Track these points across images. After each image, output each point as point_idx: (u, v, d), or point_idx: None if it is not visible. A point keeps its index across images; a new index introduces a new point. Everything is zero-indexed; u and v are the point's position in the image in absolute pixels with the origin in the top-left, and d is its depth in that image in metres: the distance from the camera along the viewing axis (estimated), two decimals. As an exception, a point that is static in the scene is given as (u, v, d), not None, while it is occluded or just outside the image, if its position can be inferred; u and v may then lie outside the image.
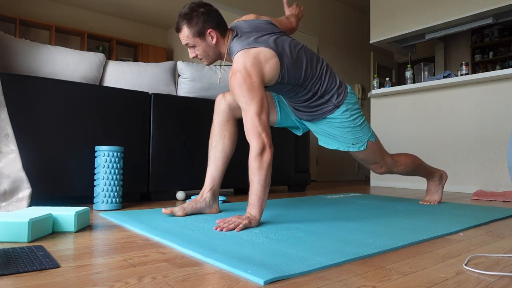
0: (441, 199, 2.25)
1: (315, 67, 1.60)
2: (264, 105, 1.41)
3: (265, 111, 1.41)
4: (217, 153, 1.70)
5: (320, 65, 1.63)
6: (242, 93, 1.40)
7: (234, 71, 1.43)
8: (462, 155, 3.38)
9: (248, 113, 1.40)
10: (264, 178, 1.37)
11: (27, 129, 1.85)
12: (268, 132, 1.40)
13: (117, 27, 6.37)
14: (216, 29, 1.52)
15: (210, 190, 1.69)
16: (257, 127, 1.38)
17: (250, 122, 1.39)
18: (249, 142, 1.40)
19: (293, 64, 1.52)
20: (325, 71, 1.64)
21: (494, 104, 3.21)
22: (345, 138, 1.75)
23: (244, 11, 4.63)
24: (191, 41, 1.53)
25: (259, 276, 0.80)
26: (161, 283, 0.78)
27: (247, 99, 1.40)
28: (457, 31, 3.89)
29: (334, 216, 1.69)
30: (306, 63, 1.56)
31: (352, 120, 1.70)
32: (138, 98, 2.23)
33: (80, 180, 1.99)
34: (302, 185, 3.17)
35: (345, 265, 0.93)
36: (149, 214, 1.66)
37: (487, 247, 1.16)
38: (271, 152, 1.39)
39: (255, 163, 1.37)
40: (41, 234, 1.19)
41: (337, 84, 1.66)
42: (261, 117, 1.39)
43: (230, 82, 1.44)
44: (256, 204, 1.38)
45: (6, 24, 5.24)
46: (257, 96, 1.40)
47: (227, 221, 1.35)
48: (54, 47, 2.09)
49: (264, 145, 1.37)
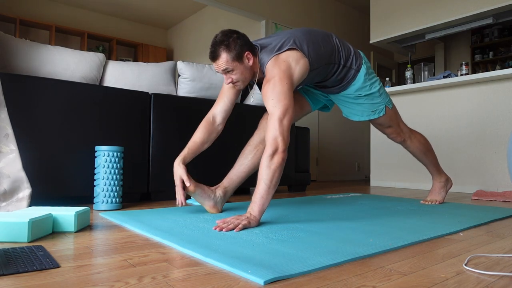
0: (442, 201, 2.25)
1: (331, 43, 1.72)
2: (289, 111, 1.46)
3: (288, 117, 1.45)
4: (245, 160, 1.79)
5: (333, 38, 1.75)
6: (271, 95, 1.47)
7: (268, 79, 1.51)
8: (462, 155, 3.38)
9: (272, 116, 1.44)
10: (270, 178, 1.39)
11: (27, 129, 1.84)
12: (285, 137, 1.43)
13: (117, 27, 6.37)
14: (251, 51, 1.59)
15: (224, 189, 1.76)
16: (276, 130, 1.42)
17: (272, 124, 1.44)
18: (266, 143, 1.44)
19: (314, 50, 1.62)
20: (339, 42, 1.77)
21: (494, 104, 3.21)
22: (366, 106, 1.90)
23: (244, 11, 4.63)
24: (230, 65, 1.57)
25: (259, 276, 0.80)
26: (161, 283, 0.78)
27: (274, 102, 1.46)
28: (457, 31, 3.89)
29: (334, 216, 1.69)
30: (324, 42, 1.68)
31: (371, 83, 1.84)
32: (138, 98, 2.23)
33: (80, 180, 1.99)
34: (302, 185, 3.17)
35: (345, 265, 0.93)
36: (149, 214, 1.66)
37: (487, 247, 1.16)
38: (282, 156, 1.41)
39: (265, 162, 1.40)
40: (41, 234, 1.19)
41: (352, 50, 1.80)
42: (283, 122, 1.43)
43: (264, 87, 1.51)
44: (258, 203, 1.40)
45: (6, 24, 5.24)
46: (284, 100, 1.45)
47: (226, 222, 1.35)
48: (54, 47, 2.09)
49: (277, 148, 1.40)
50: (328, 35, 1.74)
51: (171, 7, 6.06)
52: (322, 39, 1.69)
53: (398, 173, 3.87)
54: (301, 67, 1.56)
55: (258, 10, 4.73)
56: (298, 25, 5.09)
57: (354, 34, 5.98)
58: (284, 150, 1.42)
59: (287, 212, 1.78)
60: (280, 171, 1.42)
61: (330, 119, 5.34)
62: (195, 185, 1.65)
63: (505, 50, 5.75)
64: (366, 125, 5.80)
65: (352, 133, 5.72)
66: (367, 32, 5.84)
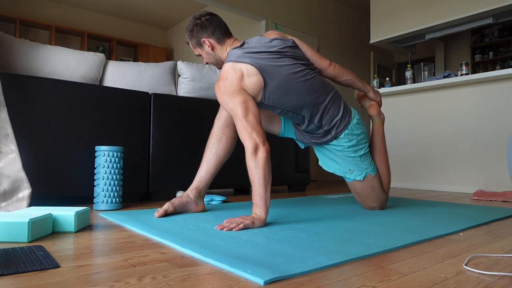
0: None
1: (316, 99, 1.61)
2: (249, 106, 1.45)
3: (251, 112, 1.44)
4: (210, 155, 1.74)
5: (324, 97, 1.64)
6: (225, 100, 1.47)
7: (217, 81, 1.52)
8: (462, 155, 3.38)
9: (236, 118, 1.45)
10: (262, 175, 1.38)
11: (27, 129, 1.84)
12: (258, 130, 1.42)
13: (117, 27, 6.37)
14: (211, 37, 1.63)
15: (195, 189, 1.72)
16: (246, 128, 1.41)
17: (240, 125, 1.43)
18: (244, 145, 1.42)
19: (279, 89, 1.53)
20: (330, 103, 1.67)
21: (494, 104, 3.21)
22: (344, 163, 1.78)
23: (244, 11, 4.63)
24: (196, 51, 1.70)
25: (259, 276, 0.80)
26: (161, 283, 0.78)
27: (231, 105, 1.46)
28: (457, 31, 3.89)
29: (334, 216, 1.69)
30: (303, 93, 1.58)
31: (353, 150, 1.74)
32: (138, 98, 2.23)
33: (80, 180, 1.99)
34: (302, 185, 3.17)
35: (345, 265, 0.93)
36: (149, 214, 1.66)
37: (487, 247, 1.16)
38: (265, 149, 1.39)
39: (251, 162, 1.39)
40: (41, 234, 1.19)
41: (340, 115, 1.69)
42: (248, 118, 1.43)
43: (215, 91, 1.52)
44: (260, 203, 1.38)
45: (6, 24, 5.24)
46: (238, 100, 1.45)
47: (229, 221, 1.35)
48: (54, 47, 2.09)
49: (256, 143, 1.39)
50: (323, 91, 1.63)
51: (171, 7, 6.06)
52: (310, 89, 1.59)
53: (398, 173, 3.86)
54: (252, 81, 1.49)
55: (258, 10, 4.73)
56: (298, 25, 5.09)
57: (354, 34, 5.98)
58: (264, 142, 1.40)
59: (287, 212, 1.78)
60: (268, 164, 1.40)
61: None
62: (172, 205, 1.63)
63: (505, 50, 5.75)
64: (366, 125, 5.80)
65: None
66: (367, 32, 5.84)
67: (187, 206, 1.70)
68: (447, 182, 3.47)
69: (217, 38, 1.64)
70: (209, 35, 1.64)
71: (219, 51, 1.66)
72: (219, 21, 1.66)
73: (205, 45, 1.65)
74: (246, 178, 2.69)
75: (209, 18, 1.65)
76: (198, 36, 1.65)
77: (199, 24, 1.64)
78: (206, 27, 1.64)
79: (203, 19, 1.64)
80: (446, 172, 3.48)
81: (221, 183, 2.55)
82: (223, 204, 2.12)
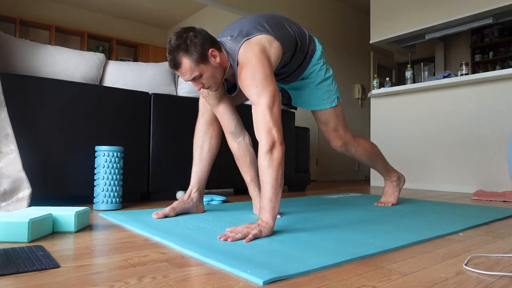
0: (396, 202, 2.16)
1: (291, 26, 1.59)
2: (276, 97, 1.31)
3: (277, 104, 1.30)
4: (203, 153, 1.68)
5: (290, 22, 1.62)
6: (254, 82, 1.31)
7: (243, 64, 1.35)
8: (462, 155, 3.38)
9: (259, 106, 1.29)
10: (274, 177, 1.24)
11: (27, 129, 1.84)
12: (279, 127, 1.29)
13: (117, 27, 6.37)
14: (215, 47, 1.39)
15: (197, 191, 1.69)
16: (267, 122, 1.27)
17: (261, 116, 1.28)
18: (258, 139, 1.29)
19: (282, 35, 1.49)
20: (295, 26, 1.63)
21: (494, 104, 3.21)
22: (318, 94, 1.76)
23: (243, 11, 4.63)
24: (196, 71, 1.37)
25: (258, 276, 0.80)
26: (161, 283, 0.78)
27: (259, 89, 1.30)
28: (457, 31, 3.89)
29: (334, 216, 1.69)
30: (287, 26, 1.57)
31: (324, 69, 1.74)
32: (138, 98, 2.23)
33: (80, 180, 1.99)
34: (302, 185, 3.17)
35: (345, 265, 0.93)
36: (149, 214, 1.66)
37: (487, 247, 1.16)
38: (282, 149, 1.27)
39: (264, 161, 1.25)
40: (41, 234, 1.19)
41: (307, 34, 1.69)
42: (273, 111, 1.28)
43: (241, 76, 1.35)
44: (268, 208, 1.25)
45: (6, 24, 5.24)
46: (269, 86, 1.30)
47: (234, 231, 1.21)
48: (54, 47, 2.09)
49: (274, 141, 1.26)
50: (286, 19, 1.62)
51: (171, 7, 6.06)
52: (284, 22, 1.57)
53: (398, 173, 3.86)
54: (275, 50, 1.41)
55: (258, 10, 4.73)
56: (298, 25, 5.09)
57: (354, 34, 5.98)
58: (282, 141, 1.28)
59: (287, 212, 1.78)
60: (282, 166, 1.27)
61: (330, 119, 5.34)
62: (173, 211, 1.60)
63: (505, 50, 5.75)
64: (366, 125, 5.80)
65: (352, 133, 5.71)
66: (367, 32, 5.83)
67: (189, 210, 1.69)
68: (447, 182, 3.47)
69: (218, 47, 1.40)
70: (212, 44, 1.38)
71: (222, 57, 1.42)
72: (207, 31, 1.43)
73: (210, 57, 1.37)
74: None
75: (199, 29, 1.39)
76: (203, 47, 1.34)
77: (198, 34, 1.36)
78: (205, 35, 1.38)
79: (196, 30, 1.38)
80: (446, 172, 3.48)
81: (221, 183, 2.55)
82: (223, 204, 2.12)
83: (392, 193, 2.16)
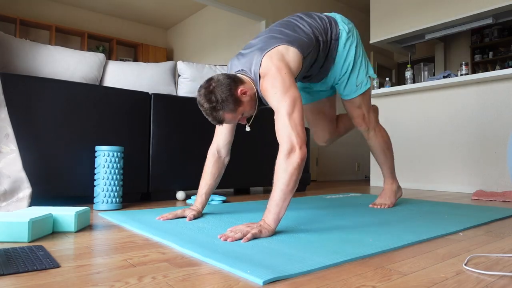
0: (392, 206, 2.08)
1: (307, 22, 1.62)
2: (297, 103, 1.33)
3: (297, 110, 1.32)
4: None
5: (307, 16, 1.66)
6: (274, 89, 1.34)
7: (264, 75, 1.40)
8: (462, 155, 3.38)
9: (280, 113, 1.31)
10: (287, 182, 1.23)
11: (27, 129, 1.85)
12: (299, 132, 1.28)
13: (117, 27, 6.37)
14: (239, 84, 1.41)
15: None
16: (287, 127, 1.28)
17: (281, 122, 1.30)
18: (279, 143, 1.30)
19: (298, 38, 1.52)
20: (313, 19, 1.66)
21: (494, 104, 3.21)
22: (352, 79, 1.80)
23: (243, 11, 4.63)
24: (238, 114, 1.43)
25: (258, 276, 0.80)
26: (161, 283, 0.78)
27: (278, 96, 1.33)
28: (457, 31, 3.89)
29: (334, 216, 1.69)
30: (301, 25, 1.60)
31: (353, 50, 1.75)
32: (138, 98, 2.23)
33: (80, 180, 1.99)
34: (302, 185, 3.17)
35: (345, 265, 0.93)
36: (149, 214, 1.66)
37: (487, 247, 1.16)
38: (301, 153, 1.25)
39: (281, 165, 1.25)
40: (41, 234, 1.19)
41: (327, 22, 1.70)
42: (292, 117, 1.30)
43: (262, 85, 1.40)
44: (273, 211, 1.25)
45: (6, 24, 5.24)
46: (288, 92, 1.33)
47: (234, 230, 1.22)
48: (54, 47, 2.09)
49: (293, 146, 1.26)
50: (301, 17, 1.65)
51: (171, 7, 6.06)
52: (299, 22, 1.61)
53: (398, 173, 3.86)
54: (293, 55, 1.44)
55: (258, 10, 4.73)
56: (298, 25, 5.09)
57: (354, 34, 5.97)
58: (301, 146, 1.26)
59: (287, 212, 1.78)
60: (298, 173, 1.26)
61: (330, 119, 5.34)
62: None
63: (505, 50, 5.75)
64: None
65: (352, 133, 5.72)
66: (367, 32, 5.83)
67: None
68: (447, 182, 3.47)
69: (241, 80, 1.43)
70: (237, 84, 1.40)
71: (249, 87, 1.45)
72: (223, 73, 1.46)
73: (242, 97, 1.40)
74: (246, 178, 2.70)
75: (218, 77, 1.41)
76: (231, 93, 1.37)
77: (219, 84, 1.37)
78: (227, 79, 1.39)
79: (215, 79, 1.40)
80: (446, 172, 3.48)
81: (221, 183, 2.54)
82: (223, 204, 2.12)
83: (389, 197, 2.09)
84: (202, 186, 1.66)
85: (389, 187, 2.11)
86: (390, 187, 2.11)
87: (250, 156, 2.72)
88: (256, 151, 2.75)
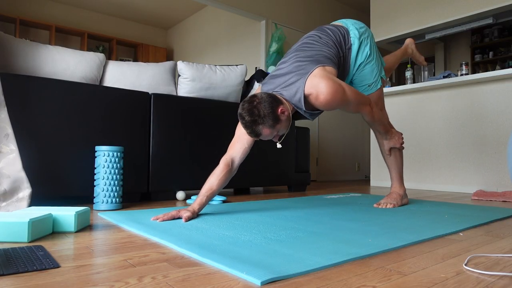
0: (397, 206, 2.06)
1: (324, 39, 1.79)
2: (350, 87, 1.62)
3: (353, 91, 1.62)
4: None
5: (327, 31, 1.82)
6: (342, 103, 1.59)
7: (315, 91, 1.55)
8: (462, 155, 3.38)
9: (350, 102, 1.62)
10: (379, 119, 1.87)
11: (27, 129, 1.85)
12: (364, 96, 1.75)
13: (117, 27, 6.37)
14: (280, 103, 1.53)
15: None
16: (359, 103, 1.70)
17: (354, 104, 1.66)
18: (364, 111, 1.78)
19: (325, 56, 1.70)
20: (331, 30, 1.83)
21: (494, 104, 3.21)
22: (364, 80, 1.95)
23: (243, 11, 4.63)
24: (275, 131, 1.54)
25: (255, 276, 0.80)
26: (161, 283, 0.78)
27: (352, 106, 1.66)
28: (457, 31, 3.89)
29: (334, 216, 1.69)
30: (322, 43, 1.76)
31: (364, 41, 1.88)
32: (138, 98, 2.23)
33: (80, 180, 1.99)
34: (302, 185, 3.17)
35: (344, 265, 0.93)
36: (149, 214, 1.66)
37: (487, 247, 1.16)
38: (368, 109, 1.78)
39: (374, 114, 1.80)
40: (41, 234, 1.19)
41: (342, 33, 1.84)
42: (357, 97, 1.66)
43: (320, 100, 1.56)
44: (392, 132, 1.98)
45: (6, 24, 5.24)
46: (353, 95, 1.62)
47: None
48: (54, 47, 2.09)
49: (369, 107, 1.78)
50: (321, 32, 1.80)
51: (171, 7, 6.06)
52: (323, 37, 1.77)
53: (398, 173, 3.86)
54: (331, 71, 1.64)
55: (258, 10, 4.73)
56: (298, 25, 5.09)
57: (354, 34, 5.97)
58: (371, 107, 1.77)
59: (286, 212, 1.78)
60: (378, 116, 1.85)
61: (330, 119, 5.35)
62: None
63: (505, 50, 5.75)
64: (366, 125, 5.80)
65: (352, 133, 5.72)
66: (367, 32, 5.83)
67: None
68: (447, 182, 3.47)
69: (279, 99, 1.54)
70: (278, 103, 1.50)
71: (287, 107, 1.56)
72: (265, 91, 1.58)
73: (281, 115, 1.51)
74: (246, 178, 2.69)
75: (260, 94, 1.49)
76: (273, 111, 1.47)
77: (262, 101, 1.47)
78: (269, 97, 1.48)
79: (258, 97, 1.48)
80: (446, 172, 3.48)
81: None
82: (223, 204, 2.12)
83: (395, 199, 2.08)
84: (205, 189, 1.63)
85: (396, 191, 2.13)
86: (397, 191, 2.13)
87: (250, 156, 2.72)
88: (256, 151, 2.75)
